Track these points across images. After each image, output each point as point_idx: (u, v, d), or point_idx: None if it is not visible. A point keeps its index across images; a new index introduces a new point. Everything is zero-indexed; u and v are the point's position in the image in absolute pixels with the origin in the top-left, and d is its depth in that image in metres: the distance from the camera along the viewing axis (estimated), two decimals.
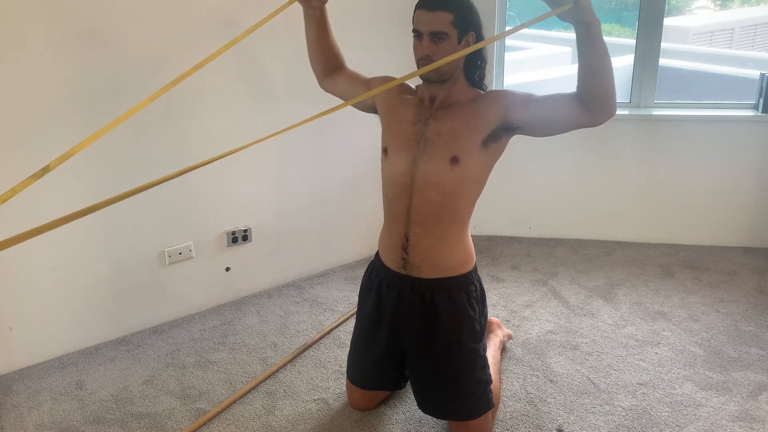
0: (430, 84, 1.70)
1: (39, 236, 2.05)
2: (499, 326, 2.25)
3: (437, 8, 1.56)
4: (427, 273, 1.74)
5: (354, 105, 1.74)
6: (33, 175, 1.16)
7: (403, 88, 1.82)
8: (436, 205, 1.69)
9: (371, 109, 1.89)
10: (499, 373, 2.04)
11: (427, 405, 1.84)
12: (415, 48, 1.64)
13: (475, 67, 1.71)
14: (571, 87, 1.63)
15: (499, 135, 1.67)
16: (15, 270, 2.14)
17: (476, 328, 1.77)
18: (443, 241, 1.73)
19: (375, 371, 1.92)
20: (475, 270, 1.81)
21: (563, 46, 4.78)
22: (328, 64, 1.95)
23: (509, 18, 3.01)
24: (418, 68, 1.61)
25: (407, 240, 1.74)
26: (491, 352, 2.04)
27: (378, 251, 1.88)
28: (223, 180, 2.49)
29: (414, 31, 1.62)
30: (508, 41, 3.03)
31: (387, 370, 1.90)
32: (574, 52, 1.55)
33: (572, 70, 1.58)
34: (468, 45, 1.61)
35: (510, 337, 2.29)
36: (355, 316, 1.99)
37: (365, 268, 1.95)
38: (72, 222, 2.18)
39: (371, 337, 1.88)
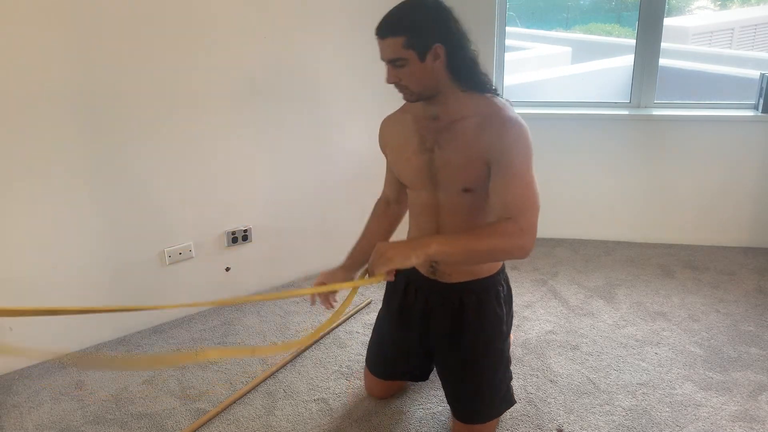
0: (423, 102, 1.61)
1: (39, 236, 2.06)
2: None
3: (386, 35, 1.47)
4: (456, 278, 1.73)
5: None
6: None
7: (394, 120, 1.75)
8: (464, 222, 1.65)
9: None
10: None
11: (455, 407, 1.82)
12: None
13: (461, 74, 1.55)
14: (570, 87, 1.61)
15: None
16: (15, 270, 2.14)
17: (503, 329, 1.78)
18: None
19: (400, 365, 1.94)
20: (502, 271, 1.80)
21: (563, 46, 4.78)
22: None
23: (509, 18, 3.01)
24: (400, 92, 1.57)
25: None
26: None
27: None
28: (223, 180, 2.49)
29: (382, 59, 1.54)
30: (508, 41, 3.02)
31: (412, 364, 1.93)
32: (574, 52, 1.54)
33: (572, 70, 1.57)
34: (438, 58, 1.49)
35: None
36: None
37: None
38: (72, 222, 2.18)
39: (398, 334, 1.89)
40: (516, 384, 2.06)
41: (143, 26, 2.16)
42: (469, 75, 1.57)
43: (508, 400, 1.82)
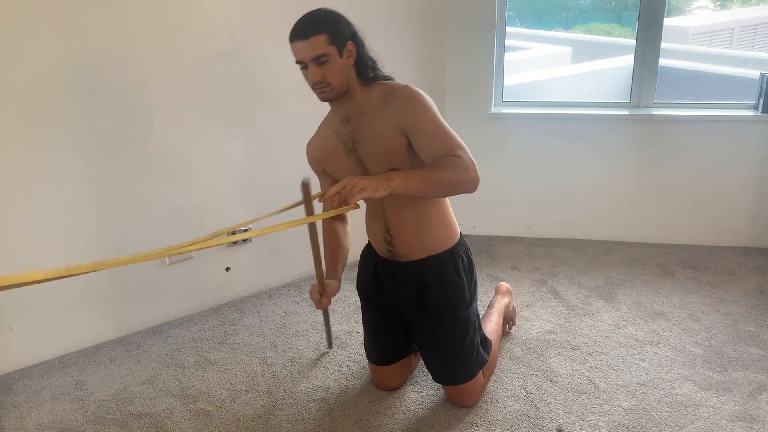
0: (335, 104, 1.76)
1: (38, 236, 2.06)
2: (509, 292, 2.39)
3: (310, 35, 1.59)
4: (414, 256, 1.87)
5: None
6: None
7: (319, 141, 1.87)
8: (405, 202, 1.79)
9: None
10: (499, 336, 2.18)
11: (435, 375, 1.99)
12: (306, 77, 1.68)
13: (364, 69, 1.72)
14: (570, 87, 1.63)
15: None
16: (15, 270, 2.14)
17: (465, 296, 1.91)
18: (423, 225, 1.84)
19: (390, 345, 2.05)
20: (460, 242, 1.92)
21: (563, 46, 4.78)
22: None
23: (509, 18, 3.01)
24: (316, 93, 1.69)
25: (390, 234, 1.87)
26: (495, 317, 2.20)
27: (368, 238, 2.02)
28: (223, 180, 2.49)
29: (298, 62, 1.65)
30: (508, 41, 3.02)
31: (399, 342, 2.05)
32: (574, 52, 1.55)
33: (572, 70, 1.58)
34: (351, 54, 1.67)
35: (513, 318, 2.38)
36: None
37: None
38: (71, 220, 2.18)
39: (379, 316, 2.02)
40: (516, 384, 2.06)
41: (143, 25, 2.16)
42: (369, 70, 1.73)
43: (481, 361, 1.97)
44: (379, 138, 1.70)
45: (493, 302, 2.30)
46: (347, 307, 2.58)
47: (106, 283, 2.33)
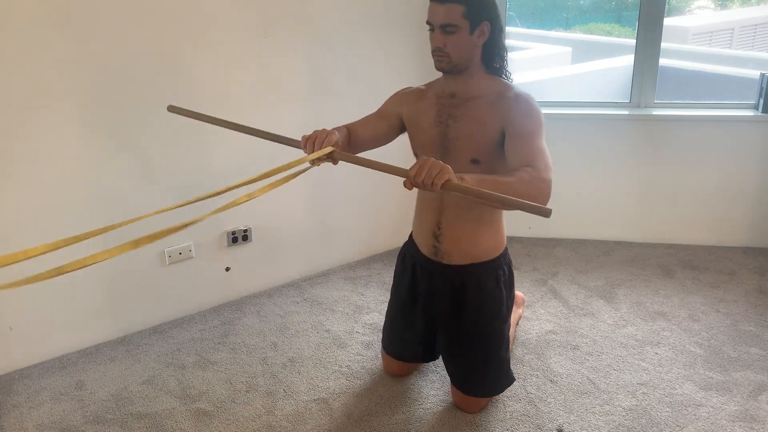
0: (449, 76, 1.73)
1: (38, 236, 2.05)
2: (523, 302, 2.39)
3: (448, 0, 1.58)
4: (458, 260, 1.82)
5: (386, 135, 1.85)
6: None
7: (417, 94, 1.85)
8: (466, 198, 1.70)
9: (401, 129, 1.89)
10: (512, 345, 2.17)
11: (456, 380, 1.94)
12: (430, 39, 1.67)
13: (491, 56, 1.71)
14: (570, 87, 1.65)
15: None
16: (15, 269, 2.14)
17: (503, 311, 1.86)
18: (474, 228, 1.80)
19: (412, 345, 2.03)
20: (504, 254, 1.88)
21: (563, 46, 4.78)
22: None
23: (509, 18, 3.01)
24: (434, 59, 1.67)
25: (439, 228, 1.82)
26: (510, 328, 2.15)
27: (411, 234, 1.98)
28: (224, 179, 2.49)
29: (428, 23, 1.66)
30: (508, 41, 3.02)
31: (423, 345, 2.02)
32: (574, 52, 1.56)
33: (572, 70, 1.59)
34: (483, 35, 1.64)
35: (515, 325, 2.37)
36: None
37: (365, 267, 1.99)
38: (72, 222, 2.18)
39: (408, 315, 1.99)
40: (516, 384, 2.06)
41: (146, 13, 2.16)
42: (497, 59, 1.72)
43: (509, 378, 1.93)
44: (478, 123, 1.67)
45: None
46: (347, 307, 2.58)
47: (106, 283, 2.32)
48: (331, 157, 1.55)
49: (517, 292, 2.39)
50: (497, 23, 1.66)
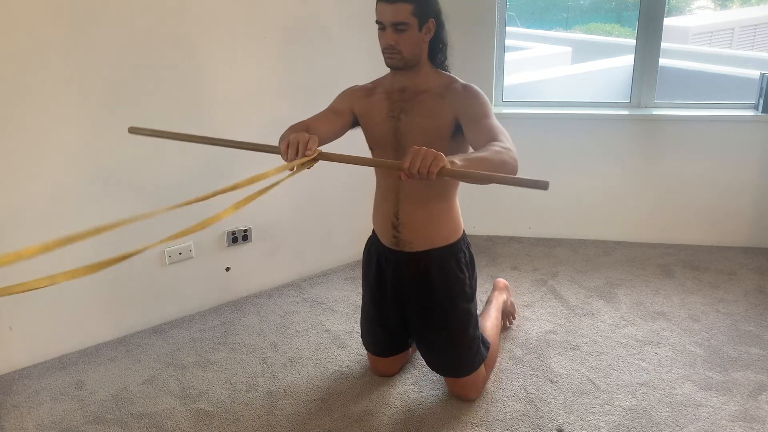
0: (397, 72, 1.79)
1: (38, 235, 2.05)
2: (506, 288, 2.40)
3: (397, 0, 1.64)
4: (419, 246, 1.88)
5: (342, 130, 1.86)
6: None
7: (366, 91, 1.90)
8: (423, 186, 1.79)
9: (353, 124, 1.92)
10: (499, 332, 2.20)
11: (431, 364, 2.02)
12: (380, 38, 1.73)
13: (436, 51, 1.79)
14: (570, 87, 1.65)
15: (459, 131, 1.74)
16: (15, 270, 2.14)
17: (467, 291, 1.93)
18: (432, 216, 1.86)
19: (387, 338, 2.07)
20: (463, 237, 1.94)
21: (563, 46, 4.78)
22: None
23: (509, 18, 3.01)
24: (384, 57, 1.73)
25: (398, 218, 1.87)
26: (493, 312, 2.21)
27: (373, 228, 2.02)
28: (224, 179, 2.49)
29: (377, 22, 1.71)
30: (508, 41, 3.02)
31: (397, 335, 2.06)
32: (574, 52, 1.56)
33: (572, 70, 1.59)
34: (429, 32, 1.73)
35: (513, 313, 2.41)
36: None
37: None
38: (72, 221, 2.18)
39: (379, 307, 2.03)
40: (516, 384, 2.06)
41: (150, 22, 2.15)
42: (440, 54, 1.80)
43: (482, 356, 1.99)
44: (429, 115, 1.74)
45: (490, 298, 2.31)
46: (347, 307, 2.58)
47: (106, 283, 2.32)
48: (315, 161, 1.54)
49: (499, 279, 2.44)
50: (440, 20, 1.75)
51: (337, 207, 2.83)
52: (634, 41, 2.91)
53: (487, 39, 2.93)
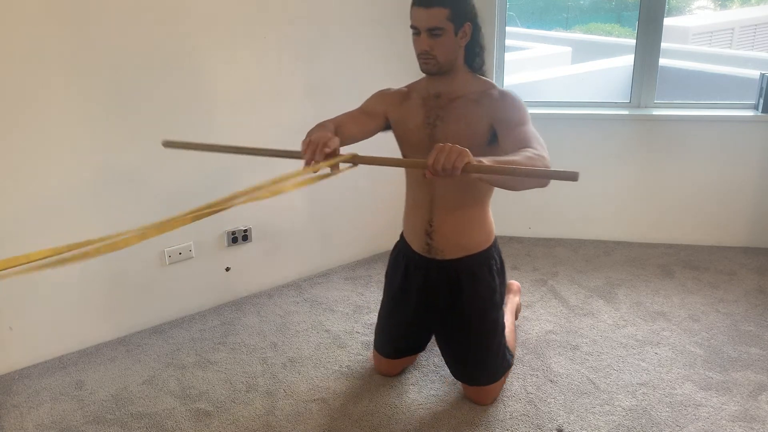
0: (433, 77, 1.76)
1: (38, 236, 2.05)
2: (519, 290, 2.41)
3: (432, 5, 1.62)
4: (451, 254, 1.86)
5: (372, 132, 1.83)
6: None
7: (401, 96, 1.86)
8: (457, 193, 1.78)
9: (385, 128, 1.89)
10: (514, 334, 2.19)
11: (457, 372, 2.00)
12: (415, 43, 1.70)
13: (473, 56, 1.76)
14: (570, 87, 1.65)
15: (496, 138, 1.71)
16: (15, 270, 2.14)
17: (496, 299, 1.92)
18: (466, 223, 1.84)
19: (402, 342, 2.07)
20: (495, 244, 1.93)
21: (563, 46, 4.78)
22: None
23: (509, 18, 3.01)
24: (419, 62, 1.70)
25: (431, 226, 1.85)
26: (509, 317, 2.20)
27: (402, 233, 2.00)
28: (224, 179, 2.49)
29: (412, 27, 1.67)
30: (508, 41, 3.02)
31: (412, 339, 2.07)
32: (574, 52, 1.56)
33: (572, 70, 1.59)
34: (465, 36, 1.69)
35: (518, 315, 2.40)
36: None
37: (365, 267, 1.99)
38: (72, 221, 2.18)
39: (399, 312, 2.02)
40: (516, 384, 2.06)
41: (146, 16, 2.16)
42: (478, 58, 1.77)
43: (507, 363, 1.98)
44: (465, 122, 1.71)
45: (505, 301, 2.28)
46: (347, 307, 2.58)
47: (106, 283, 2.32)
48: (352, 162, 1.52)
49: (512, 281, 2.43)
50: (477, 23, 1.71)
51: (337, 207, 2.83)
52: (634, 41, 2.91)
53: (487, 39, 2.91)
